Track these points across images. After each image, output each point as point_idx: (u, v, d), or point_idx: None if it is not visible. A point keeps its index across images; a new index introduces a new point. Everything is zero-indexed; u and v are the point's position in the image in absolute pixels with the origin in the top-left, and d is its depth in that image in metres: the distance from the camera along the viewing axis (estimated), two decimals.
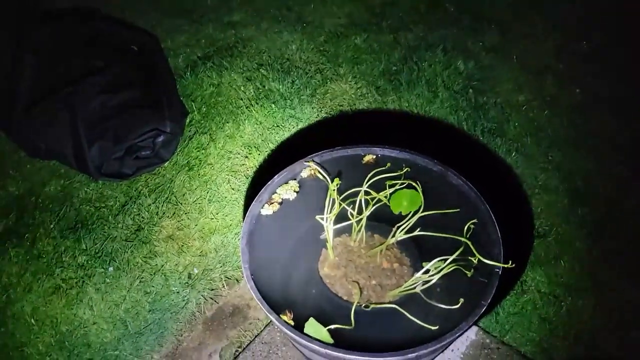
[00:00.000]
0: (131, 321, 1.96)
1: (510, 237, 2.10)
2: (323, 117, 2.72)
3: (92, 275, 2.09)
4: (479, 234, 1.51)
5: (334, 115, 2.73)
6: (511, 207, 2.26)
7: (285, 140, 2.60)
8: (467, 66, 2.92)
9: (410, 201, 1.61)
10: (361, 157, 1.77)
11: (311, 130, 2.65)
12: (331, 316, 1.46)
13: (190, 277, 2.09)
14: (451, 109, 2.69)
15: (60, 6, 3.15)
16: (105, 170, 2.40)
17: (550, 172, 2.39)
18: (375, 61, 3.01)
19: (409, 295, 1.48)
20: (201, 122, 2.69)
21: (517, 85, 2.85)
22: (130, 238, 2.21)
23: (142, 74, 2.68)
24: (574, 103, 2.75)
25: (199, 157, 2.52)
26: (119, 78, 2.58)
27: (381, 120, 2.70)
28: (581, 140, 2.55)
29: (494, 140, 2.53)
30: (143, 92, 2.58)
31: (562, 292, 1.97)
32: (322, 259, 1.61)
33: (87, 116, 2.41)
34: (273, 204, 1.66)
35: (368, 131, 2.58)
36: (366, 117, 2.72)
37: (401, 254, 1.62)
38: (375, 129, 2.61)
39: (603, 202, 2.26)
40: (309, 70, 2.98)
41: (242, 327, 1.96)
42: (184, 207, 2.32)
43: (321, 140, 1.93)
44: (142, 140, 2.43)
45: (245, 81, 2.91)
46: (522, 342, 1.84)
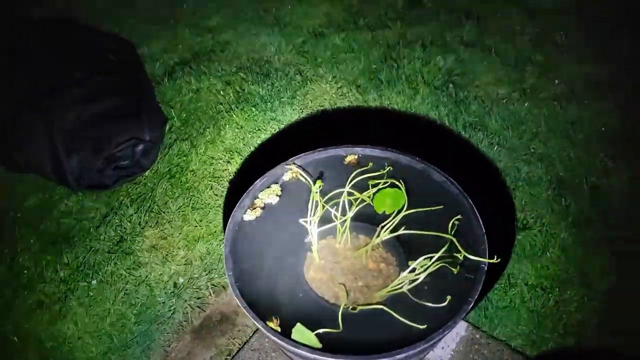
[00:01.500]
0: (117, 334, 1.93)
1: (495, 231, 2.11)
2: (304, 118, 2.70)
3: (75, 290, 2.06)
4: (463, 230, 1.51)
5: (316, 116, 2.71)
6: (495, 200, 2.26)
7: (267, 143, 2.58)
8: (447, 61, 2.92)
9: (393, 200, 1.60)
10: (343, 157, 1.76)
11: (293, 132, 2.63)
12: (319, 320, 1.45)
13: (176, 287, 2.06)
14: (432, 104, 2.69)
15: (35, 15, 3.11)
16: (85, 181, 2.36)
17: (533, 163, 2.40)
18: (355, 60, 3.00)
19: (396, 295, 1.47)
20: (181, 128, 2.66)
21: (497, 78, 2.86)
22: (113, 250, 2.17)
23: (119, 82, 2.64)
24: (554, 94, 2.76)
25: (180, 164, 2.49)
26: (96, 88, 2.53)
27: (363, 119, 2.69)
28: (563, 130, 2.56)
29: (476, 135, 2.53)
30: (121, 100, 2.54)
31: (549, 284, 1.97)
32: (308, 263, 1.59)
33: (65, 127, 2.37)
34: (255, 209, 1.64)
35: (350, 131, 2.57)
36: (348, 116, 2.71)
37: (387, 253, 1.60)
38: (358, 129, 2.60)
39: (587, 192, 2.27)
40: (289, 71, 2.96)
41: (231, 335, 1.94)
42: (166, 215, 2.29)
43: (303, 142, 1.92)
44: (121, 149, 2.39)
45: (224, 85, 2.88)
46: (512, 336, 1.84)
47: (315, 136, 2.55)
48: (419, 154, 1.71)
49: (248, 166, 2.47)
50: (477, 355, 1.77)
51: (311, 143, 1.84)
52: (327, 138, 2.39)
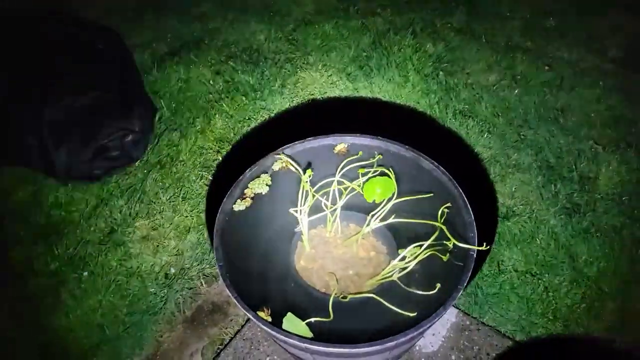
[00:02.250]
0: (109, 326, 1.93)
1: (485, 218, 2.13)
2: (295, 107, 2.69)
3: (66, 282, 2.05)
4: (453, 218, 1.51)
5: (306, 105, 2.70)
6: (485, 187, 2.27)
7: (258, 132, 2.57)
8: (437, 48, 2.91)
9: (383, 188, 1.60)
10: (333, 146, 1.75)
11: (283, 121, 2.62)
12: (309, 309, 1.45)
13: (167, 277, 2.06)
14: (422, 92, 2.69)
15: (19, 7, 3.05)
16: (74, 173, 2.34)
17: (523, 150, 2.40)
18: (345, 48, 2.98)
19: (387, 284, 1.47)
20: (171, 118, 2.64)
21: (487, 65, 2.86)
22: (103, 241, 2.17)
23: (108, 72, 2.61)
24: (543, 80, 2.77)
25: (170, 155, 2.47)
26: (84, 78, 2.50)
27: (353, 108, 2.69)
28: (552, 117, 2.57)
29: (466, 122, 2.53)
30: (109, 91, 2.51)
31: (539, 270, 1.99)
32: (298, 252, 1.59)
33: (53, 119, 2.34)
34: (245, 199, 1.63)
35: (341, 119, 2.57)
36: (338, 104, 2.70)
37: (377, 242, 1.61)
38: (348, 117, 2.60)
39: (576, 178, 2.28)
40: (279, 60, 2.94)
41: (223, 324, 1.95)
42: (157, 206, 2.28)
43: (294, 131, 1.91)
44: (110, 140, 2.37)
45: (214, 75, 2.86)
46: (502, 322, 1.86)
47: (306, 125, 2.54)
48: (409, 141, 1.70)
49: (238, 156, 2.46)
50: (468, 341, 1.79)
51: (301, 132, 1.83)
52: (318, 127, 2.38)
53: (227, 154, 2.47)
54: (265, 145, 1.78)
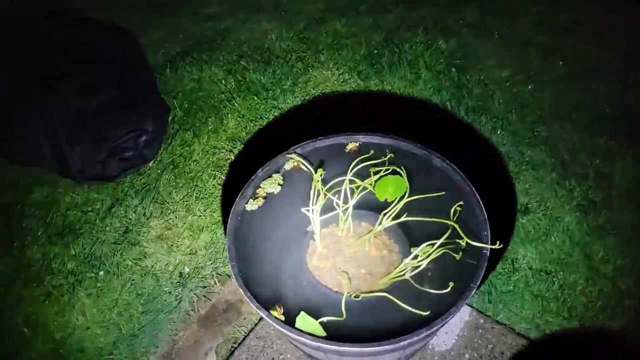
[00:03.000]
0: (124, 324, 1.95)
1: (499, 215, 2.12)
2: (306, 105, 2.70)
3: (82, 281, 2.08)
4: (466, 216, 1.50)
5: (318, 104, 2.71)
6: (499, 185, 2.26)
7: (270, 131, 2.58)
8: (449, 45, 2.90)
9: (395, 187, 1.60)
10: (344, 145, 1.75)
11: (295, 119, 2.63)
12: (322, 308, 1.45)
13: (181, 276, 2.08)
14: (434, 89, 2.67)
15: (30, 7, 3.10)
16: (89, 173, 2.37)
17: (537, 147, 2.38)
18: (356, 45, 2.98)
19: (399, 282, 1.47)
20: (184, 118, 2.66)
21: (500, 61, 2.83)
22: (118, 241, 2.19)
23: (121, 73, 2.63)
24: (557, 75, 2.74)
25: (184, 154, 2.49)
26: (97, 79, 2.53)
27: (365, 106, 2.68)
28: (567, 113, 2.54)
29: (479, 119, 2.51)
30: (122, 91, 2.54)
31: (554, 267, 1.97)
32: (310, 251, 1.60)
33: (66, 119, 2.37)
34: (258, 199, 1.64)
35: (352, 117, 2.57)
36: (350, 103, 2.70)
37: (389, 240, 1.61)
38: (360, 115, 2.59)
39: (591, 175, 2.26)
40: (290, 58, 2.94)
41: (237, 323, 1.96)
42: (171, 206, 2.30)
43: (306, 130, 1.92)
44: (124, 141, 2.39)
45: (225, 74, 2.87)
46: (516, 320, 1.84)
47: (318, 123, 2.54)
48: (422, 139, 1.70)
49: (251, 155, 2.47)
50: (481, 340, 1.78)
51: (313, 130, 1.83)
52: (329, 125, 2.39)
53: (240, 153, 2.49)
54: (278, 144, 1.79)
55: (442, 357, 1.75)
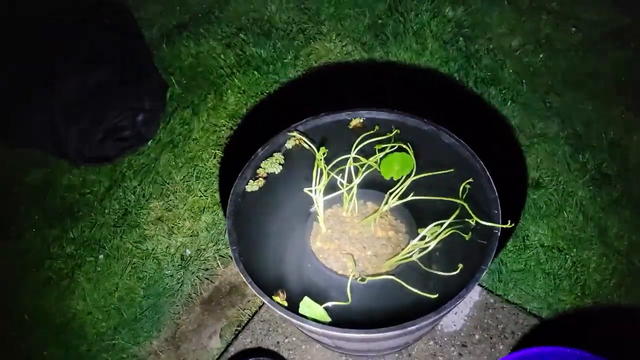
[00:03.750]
0: (126, 309, 1.92)
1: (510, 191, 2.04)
2: (309, 80, 2.61)
3: (82, 265, 2.04)
4: (475, 194, 1.44)
5: (320, 77, 2.61)
6: (510, 159, 2.18)
7: (271, 107, 2.50)
8: (456, 13, 2.77)
9: (401, 165, 1.53)
10: (348, 122, 1.67)
11: (297, 94, 2.54)
12: (326, 292, 1.41)
13: (183, 259, 2.03)
14: (441, 60, 2.57)
15: None
16: (86, 154, 2.31)
17: (549, 119, 2.29)
18: (360, 15, 2.86)
19: (407, 264, 1.41)
20: (182, 95, 2.58)
21: (510, 29, 2.72)
22: (118, 223, 2.14)
23: (116, 49, 2.54)
24: (570, 43, 2.62)
25: (183, 133, 2.42)
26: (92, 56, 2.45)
27: (370, 79, 2.59)
28: (580, 82, 2.44)
29: (488, 90, 2.42)
30: (118, 69, 2.45)
31: (566, 244, 1.90)
32: (314, 233, 1.54)
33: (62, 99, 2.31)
34: (258, 180, 1.58)
35: (357, 91, 2.47)
36: (354, 76, 2.61)
37: (396, 220, 1.55)
38: (364, 89, 2.50)
39: (606, 147, 2.17)
40: (291, 31, 2.84)
41: (241, 306, 1.92)
42: (171, 186, 2.24)
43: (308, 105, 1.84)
44: (121, 120, 2.33)
45: (224, 48, 2.78)
46: (527, 299, 1.79)
47: (321, 98, 2.46)
48: (429, 113, 1.62)
49: (252, 132, 2.39)
50: (492, 320, 1.73)
51: (316, 106, 1.76)
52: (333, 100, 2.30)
53: (241, 131, 2.41)
54: (279, 120, 1.72)
55: (451, 338, 1.70)
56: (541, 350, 1.35)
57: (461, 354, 1.67)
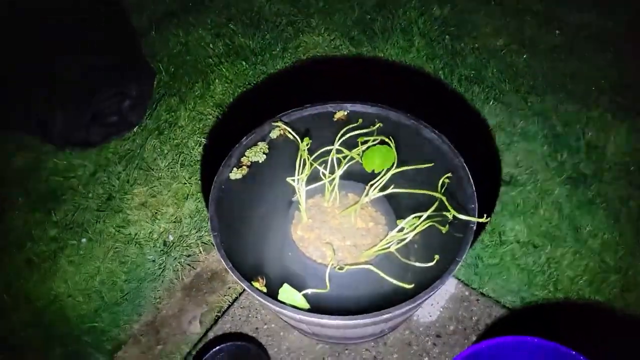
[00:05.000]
0: (107, 292, 1.93)
1: (488, 187, 2.09)
2: (296, 72, 2.63)
3: (64, 248, 2.04)
4: (454, 188, 1.47)
5: (308, 70, 2.63)
6: (490, 156, 2.22)
7: (258, 98, 2.51)
8: (443, 11, 2.81)
9: (383, 158, 1.56)
10: (332, 114, 1.70)
11: (284, 86, 2.56)
12: (306, 280, 1.44)
13: (165, 245, 2.05)
14: (427, 57, 2.61)
15: None
16: (71, 139, 2.31)
17: (530, 118, 2.34)
18: (349, 10, 2.89)
19: (385, 255, 1.45)
20: (169, 83, 2.59)
21: (495, 29, 2.76)
22: (101, 208, 2.15)
23: (104, 35, 2.54)
24: (553, 45, 2.68)
25: (169, 120, 2.43)
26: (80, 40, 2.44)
27: (356, 73, 2.62)
28: (561, 83, 2.49)
29: (472, 88, 2.46)
30: (106, 54, 2.45)
31: (541, 241, 1.95)
32: (295, 222, 1.57)
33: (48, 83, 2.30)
34: (242, 168, 1.60)
35: (343, 85, 2.50)
36: (340, 70, 2.63)
37: (376, 212, 1.58)
38: (351, 82, 2.53)
39: (583, 147, 2.22)
40: (280, 22, 2.85)
41: (221, 292, 1.94)
42: (155, 172, 2.25)
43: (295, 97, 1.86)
44: (107, 105, 2.32)
45: (213, 38, 2.79)
46: (502, 293, 1.83)
47: (307, 90, 2.48)
48: (413, 108, 1.65)
49: (238, 121, 2.41)
50: (466, 312, 1.77)
51: (303, 98, 1.78)
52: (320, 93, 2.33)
53: (227, 120, 2.43)
54: (266, 111, 1.74)
55: (426, 329, 1.74)
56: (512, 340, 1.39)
57: (435, 344, 1.71)
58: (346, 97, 1.70)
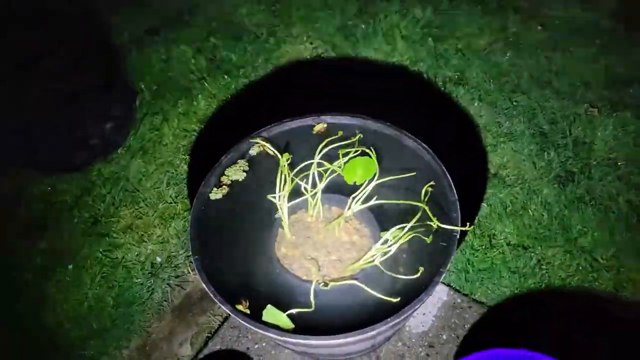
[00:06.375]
0: (96, 319, 1.91)
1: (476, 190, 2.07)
2: (280, 83, 2.61)
3: (51, 276, 2.02)
4: (437, 196, 1.45)
5: (291, 80, 2.62)
6: (476, 158, 2.20)
7: (242, 111, 2.49)
8: (425, 13, 2.79)
9: (364, 169, 1.54)
10: (312, 127, 1.68)
11: (268, 98, 2.54)
12: (292, 298, 1.41)
13: (153, 267, 2.02)
14: (411, 60, 2.59)
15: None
16: (55, 164, 2.29)
17: (515, 117, 2.32)
18: (330, 17, 2.87)
19: (370, 269, 1.43)
20: (152, 101, 2.57)
21: (478, 28, 2.74)
22: (87, 232, 2.13)
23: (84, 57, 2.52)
24: (537, 41, 2.66)
25: (153, 139, 2.41)
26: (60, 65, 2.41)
27: (340, 81, 2.59)
28: (546, 80, 2.47)
29: (457, 90, 2.44)
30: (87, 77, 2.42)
31: (531, 242, 1.93)
32: (279, 239, 1.54)
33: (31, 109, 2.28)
34: (222, 187, 1.58)
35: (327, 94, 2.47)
36: (324, 78, 2.61)
37: (360, 225, 1.55)
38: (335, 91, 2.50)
39: (570, 145, 2.20)
40: (262, 34, 2.84)
41: (212, 312, 1.92)
42: (141, 193, 2.23)
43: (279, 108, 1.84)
44: (90, 127, 2.31)
45: (195, 53, 2.77)
46: (494, 297, 1.81)
47: (291, 101, 2.46)
48: (398, 114, 1.64)
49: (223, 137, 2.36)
50: (459, 319, 1.75)
51: (288, 109, 1.76)
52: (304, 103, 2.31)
53: (212, 136, 2.41)
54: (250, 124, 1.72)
55: (419, 339, 1.72)
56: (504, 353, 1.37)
57: (428, 355, 1.69)
58: (331, 106, 1.68)
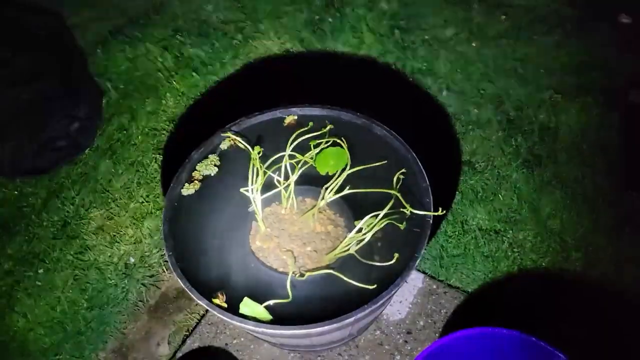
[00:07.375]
0: (70, 322, 1.87)
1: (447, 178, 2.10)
2: (249, 79, 2.59)
3: (21, 281, 1.97)
4: (409, 184, 1.47)
5: (260, 76, 2.61)
6: (446, 146, 2.23)
7: (212, 108, 2.47)
8: (391, 6, 2.82)
9: (336, 159, 1.55)
10: (282, 119, 1.68)
11: (237, 94, 2.53)
12: (269, 290, 1.41)
13: (127, 267, 1.99)
14: (379, 53, 2.61)
15: None
16: (21, 167, 2.23)
17: (483, 105, 2.36)
18: (297, 12, 2.87)
19: (346, 257, 1.43)
20: (119, 101, 2.52)
21: (444, 19, 2.78)
22: (57, 235, 2.08)
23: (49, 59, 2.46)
24: (501, 31, 2.70)
25: (121, 139, 2.37)
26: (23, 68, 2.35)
27: (309, 75, 2.60)
28: (511, 68, 2.52)
29: (425, 80, 2.47)
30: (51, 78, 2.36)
31: (503, 226, 1.97)
32: (253, 233, 1.54)
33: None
34: (194, 183, 1.57)
35: (296, 88, 2.48)
36: (293, 73, 2.61)
37: (334, 215, 1.56)
38: (304, 85, 2.51)
39: (536, 130, 2.25)
40: (229, 30, 2.82)
41: (189, 310, 1.90)
42: (111, 194, 2.19)
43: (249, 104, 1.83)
44: (56, 130, 2.25)
45: (162, 51, 2.73)
46: (468, 282, 1.84)
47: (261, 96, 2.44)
48: (367, 106, 1.65)
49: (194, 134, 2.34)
50: (435, 305, 1.77)
51: (257, 104, 1.75)
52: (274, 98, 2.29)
53: (182, 134, 2.38)
54: (220, 120, 1.71)
55: (396, 327, 1.74)
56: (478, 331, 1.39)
57: (406, 341, 1.70)
58: (301, 99, 1.69)
